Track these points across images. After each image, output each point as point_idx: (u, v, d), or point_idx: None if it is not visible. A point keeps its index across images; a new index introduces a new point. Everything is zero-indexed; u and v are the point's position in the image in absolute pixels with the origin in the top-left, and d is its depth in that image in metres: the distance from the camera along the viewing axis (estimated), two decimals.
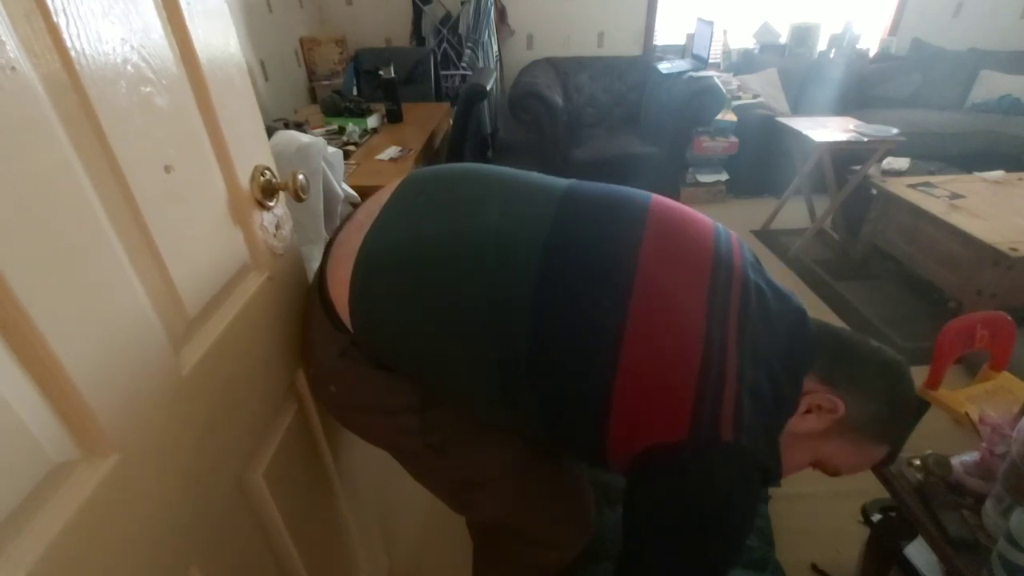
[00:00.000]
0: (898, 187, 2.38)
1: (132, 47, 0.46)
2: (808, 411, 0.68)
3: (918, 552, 1.01)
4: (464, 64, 3.19)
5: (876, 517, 1.14)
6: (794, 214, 3.03)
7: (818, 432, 0.68)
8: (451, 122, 2.27)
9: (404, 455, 0.82)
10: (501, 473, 0.79)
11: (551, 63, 3.51)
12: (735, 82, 3.49)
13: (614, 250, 0.65)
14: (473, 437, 0.77)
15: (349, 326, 0.68)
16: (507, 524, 0.86)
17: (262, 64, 2.55)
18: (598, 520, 1.24)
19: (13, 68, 0.35)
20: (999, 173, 2.49)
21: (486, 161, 2.39)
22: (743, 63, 3.71)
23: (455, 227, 0.67)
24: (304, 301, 0.81)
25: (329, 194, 1.39)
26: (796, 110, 3.46)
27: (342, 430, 0.98)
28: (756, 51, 3.75)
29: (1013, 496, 0.78)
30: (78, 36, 0.40)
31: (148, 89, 0.48)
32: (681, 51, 3.74)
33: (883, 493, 0.97)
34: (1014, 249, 1.82)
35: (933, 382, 1.44)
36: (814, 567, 1.30)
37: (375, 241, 0.68)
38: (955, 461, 0.92)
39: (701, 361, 0.60)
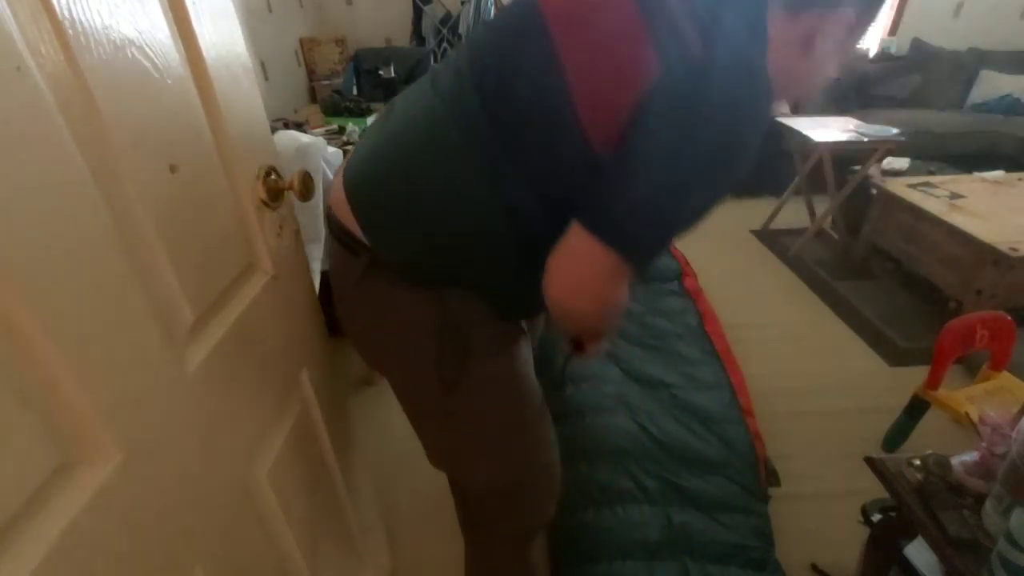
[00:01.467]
0: (898, 187, 2.38)
1: (138, 47, 0.46)
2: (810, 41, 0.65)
3: (918, 552, 1.01)
4: None
5: (876, 517, 1.14)
6: (794, 214, 3.04)
7: (831, 46, 0.66)
8: None
9: (414, 393, 0.83)
10: (499, 428, 0.83)
11: None
12: None
13: None
14: (483, 376, 0.78)
15: (362, 236, 0.71)
16: (493, 487, 0.89)
17: (262, 64, 2.55)
18: (596, 519, 1.25)
19: (19, 68, 0.35)
20: (999, 173, 2.50)
21: None
22: None
23: (409, 108, 0.74)
24: (309, 300, 0.81)
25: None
26: (796, 110, 3.46)
27: (345, 429, 0.98)
28: None
29: (1013, 496, 0.79)
30: (84, 36, 0.41)
31: (154, 89, 0.48)
32: None
33: (883, 493, 0.97)
34: (1014, 249, 1.83)
35: (933, 382, 1.44)
36: (814, 567, 1.30)
37: (356, 153, 0.76)
38: (955, 461, 0.92)
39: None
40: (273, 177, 0.68)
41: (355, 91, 2.87)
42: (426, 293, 0.73)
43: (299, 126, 2.07)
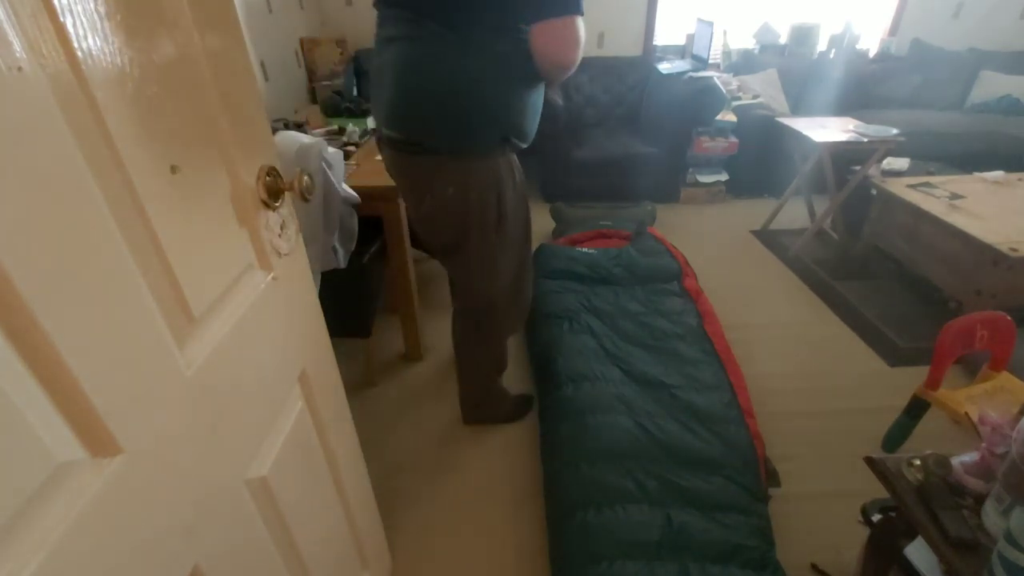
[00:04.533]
0: (898, 187, 2.38)
1: (138, 47, 0.46)
2: None
3: (918, 552, 1.02)
4: None
5: (876, 517, 1.14)
6: (794, 214, 3.04)
7: None
8: None
9: (482, 236, 1.26)
10: (521, 240, 1.36)
11: None
12: (735, 82, 3.50)
13: None
14: (511, 210, 1.27)
15: (431, 143, 1.15)
16: (494, 304, 1.41)
17: (262, 64, 2.55)
18: (596, 519, 1.25)
19: (19, 68, 0.35)
20: (999, 173, 2.50)
21: None
22: (743, 63, 3.71)
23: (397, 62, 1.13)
24: (310, 301, 0.81)
25: (329, 194, 1.39)
26: (796, 110, 3.46)
27: (346, 430, 0.98)
28: (756, 51, 3.76)
29: (1013, 496, 0.79)
30: (84, 37, 0.41)
31: (154, 89, 0.48)
32: (681, 51, 3.75)
33: (883, 493, 0.97)
34: (1014, 249, 1.83)
35: (933, 382, 1.44)
36: (814, 567, 1.30)
37: (383, 105, 1.16)
38: (955, 461, 0.92)
39: None
40: (273, 177, 0.68)
41: (355, 91, 2.86)
42: (482, 162, 1.18)
43: (299, 126, 2.07)
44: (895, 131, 2.54)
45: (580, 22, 0.99)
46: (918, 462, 0.93)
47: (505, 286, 1.39)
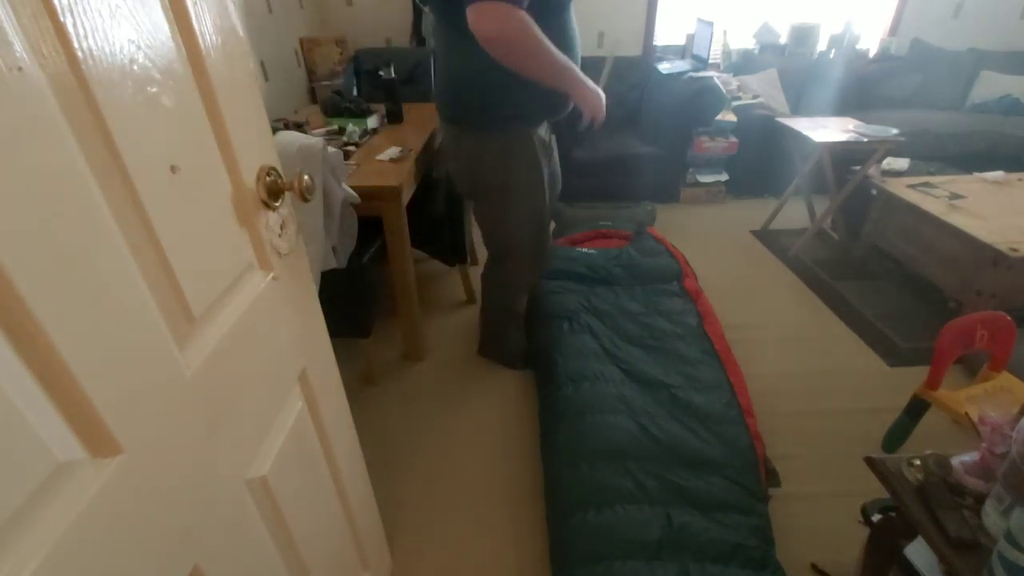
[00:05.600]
0: (898, 187, 2.38)
1: (139, 47, 0.46)
2: None
3: (918, 552, 1.02)
4: None
5: (876, 517, 1.14)
6: (794, 214, 3.04)
7: None
8: None
9: (491, 192, 1.59)
10: (529, 202, 1.60)
11: None
12: (735, 82, 3.49)
13: None
14: (519, 174, 1.53)
15: (456, 117, 1.49)
16: (522, 241, 1.68)
17: (262, 64, 2.55)
18: (596, 519, 1.25)
19: (20, 68, 0.35)
20: (999, 173, 2.50)
21: None
22: (743, 63, 3.71)
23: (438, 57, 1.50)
24: (310, 301, 0.81)
25: (329, 194, 1.39)
26: (796, 110, 3.46)
27: (346, 430, 0.98)
28: (756, 51, 3.76)
29: (1013, 496, 0.79)
30: (85, 36, 0.41)
31: (154, 89, 0.48)
32: (681, 51, 3.75)
33: (883, 493, 0.97)
34: (1014, 249, 1.83)
35: (933, 382, 1.44)
36: (814, 567, 1.30)
37: (437, 80, 1.52)
38: (955, 461, 0.92)
39: None
40: (273, 177, 0.68)
41: (355, 91, 2.86)
42: (492, 136, 1.46)
43: (299, 126, 2.07)
44: (895, 131, 2.54)
45: (502, 7, 1.15)
46: (918, 462, 0.93)
47: (523, 240, 1.68)
